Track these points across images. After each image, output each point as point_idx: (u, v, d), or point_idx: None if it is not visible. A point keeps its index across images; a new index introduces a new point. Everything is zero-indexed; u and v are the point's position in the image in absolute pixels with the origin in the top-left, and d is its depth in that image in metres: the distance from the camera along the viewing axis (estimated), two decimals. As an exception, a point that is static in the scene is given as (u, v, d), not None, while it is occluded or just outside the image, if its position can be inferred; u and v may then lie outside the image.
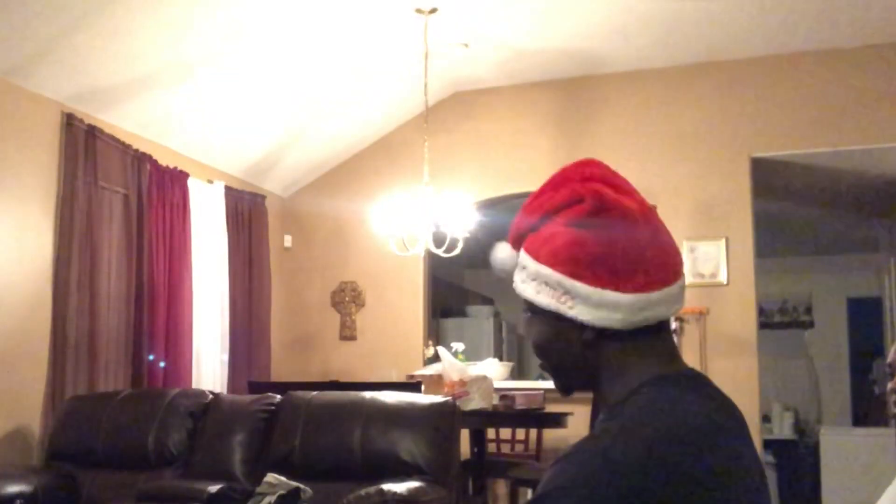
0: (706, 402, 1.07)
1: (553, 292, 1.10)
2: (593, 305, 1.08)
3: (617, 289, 1.07)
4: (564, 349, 1.13)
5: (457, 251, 4.90)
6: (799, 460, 7.66)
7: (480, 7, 4.81)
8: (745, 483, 1.02)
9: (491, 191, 6.04)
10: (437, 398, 3.84)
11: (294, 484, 3.42)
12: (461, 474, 4.40)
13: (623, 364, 1.10)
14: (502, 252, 1.21)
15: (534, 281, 1.12)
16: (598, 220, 1.10)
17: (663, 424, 1.00)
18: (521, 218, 1.17)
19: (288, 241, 6.52)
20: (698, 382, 1.10)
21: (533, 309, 1.14)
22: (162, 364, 4.94)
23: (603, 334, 1.09)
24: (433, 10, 4.71)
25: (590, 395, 1.18)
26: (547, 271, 1.10)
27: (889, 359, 2.04)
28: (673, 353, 1.13)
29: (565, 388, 1.19)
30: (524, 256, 1.15)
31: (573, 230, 1.10)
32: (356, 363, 6.14)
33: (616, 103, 5.84)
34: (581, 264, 1.08)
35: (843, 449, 6.43)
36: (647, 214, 1.13)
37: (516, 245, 1.18)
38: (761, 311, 6.86)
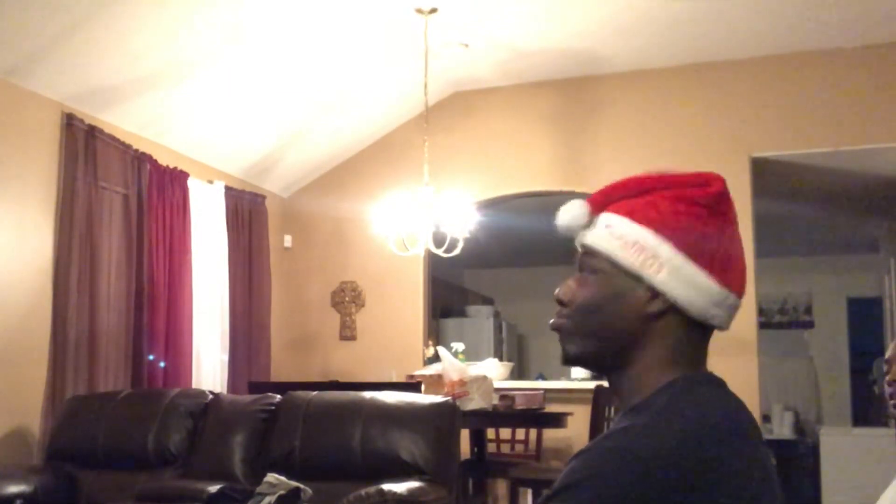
0: (730, 403, 1.07)
1: (639, 253, 1.08)
2: (682, 279, 1.07)
3: (711, 274, 1.07)
4: (620, 313, 1.09)
5: (457, 251, 4.90)
6: (799, 460, 7.66)
7: (480, 7, 4.81)
8: (764, 483, 1.02)
9: (491, 191, 6.04)
10: (437, 398, 3.84)
11: (294, 484, 3.42)
12: (461, 474, 4.40)
13: (665, 353, 1.08)
14: (574, 208, 1.17)
15: (620, 239, 1.10)
16: (717, 205, 1.11)
17: (691, 421, 0.99)
18: (622, 184, 1.16)
19: (288, 241, 6.52)
20: (718, 384, 1.10)
21: (597, 268, 1.11)
22: (162, 364, 4.94)
23: (671, 311, 1.08)
24: (433, 10, 4.71)
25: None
26: (645, 233, 1.08)
27: (888, 354, 2.04)
28: (703, 363, 1.12)
29: (575, 355, 1.14)
30: (613, 217, 1.12)
31: (689, 205, 1.10)
32: (356, 363, 6.14)
33: (616, 103, 5.84)
34: (689, 237, 1.08)
35: (843, 449, 6.42)
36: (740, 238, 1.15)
37: (598, 206, 1.15)
38: (761, 311, 6.86)
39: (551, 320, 1.16)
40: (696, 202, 1.10)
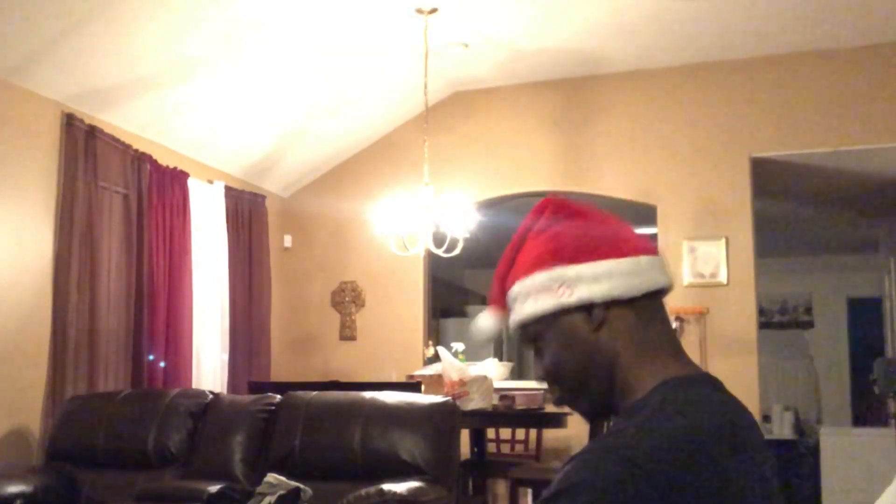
0: (724, 404, 1.06)
1: (549, 293, 1.10)
2: (591, 280, 1.08)
3: (607, 257, 1.09)
4: (579, 347, 1.10)
5: (457, 251, 4.90)
6: (799, 460, 7.66)
7: (480, 7, 4.81)
8: (755, 485, 1.01)
9: (491, 191, 6.04)
10: (437, 398, 3.84)
11: (294, 484, 3.42)
12: (461, 474, 4.40)
13: (631, 347, 1.09)
14: (487, 321, 1.20)
15: (527, 298, 1.12)
16: (562, 212, 1.15)
17: (684, 424, 0.99)
18: (497, 273, 1.19)
19: (288, 241, 6.52)
20: (714, 385, 1.09)
21: (538, 333, 1.13)
22: (162, 364, 4.94)
23: (611, 310, 1.09)
24: (433, 10, 4.71)
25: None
26: (535, 278, 1.11)
27: None
28: (680, 349, 1.13)
29: (591, 409, 1.15)
30: (512, 290, 1.15)
31: (544, 232, 1.14)
32: (356, 363, 6.14)
33: (616, 103, 5.84)
34: (565, 250, 1.11)
35: (843, 449, 6.42)
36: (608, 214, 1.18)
37: (500, 301, 1.18)
38: (761, 311, 6.86)
39: (553, 403, 1.20)
40: (549, 225, 1.14)
